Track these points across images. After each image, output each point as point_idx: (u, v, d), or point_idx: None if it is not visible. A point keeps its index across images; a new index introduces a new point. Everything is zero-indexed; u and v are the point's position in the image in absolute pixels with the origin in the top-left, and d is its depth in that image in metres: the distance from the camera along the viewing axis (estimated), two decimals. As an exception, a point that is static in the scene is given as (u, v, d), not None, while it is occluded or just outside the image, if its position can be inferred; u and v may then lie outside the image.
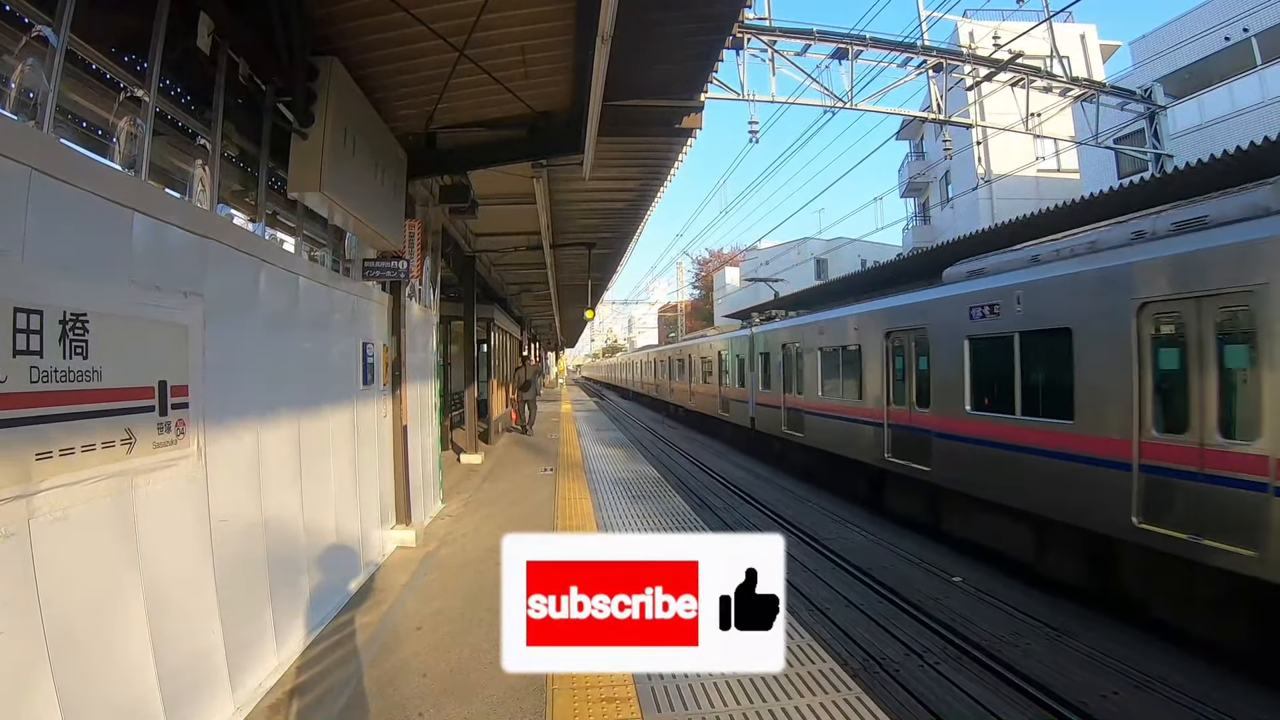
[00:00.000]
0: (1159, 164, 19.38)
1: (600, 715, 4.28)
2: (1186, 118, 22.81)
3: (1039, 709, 6.18)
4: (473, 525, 9.54)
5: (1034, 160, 25.72)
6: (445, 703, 4.54)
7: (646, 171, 11.20)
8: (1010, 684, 6.62)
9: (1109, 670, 6.80)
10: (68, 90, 3.61)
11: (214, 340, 4.13)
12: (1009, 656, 7.14)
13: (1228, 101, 22.44)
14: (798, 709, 4.38)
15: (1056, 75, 18.95)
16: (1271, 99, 20.88)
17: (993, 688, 6.59)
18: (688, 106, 8.24)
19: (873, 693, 4.81)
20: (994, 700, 6.34)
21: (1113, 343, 8.03)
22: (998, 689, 6.55)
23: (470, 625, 5.86)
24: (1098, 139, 19.45)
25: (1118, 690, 6.41)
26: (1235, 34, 22.80)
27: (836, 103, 17.41)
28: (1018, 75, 18.45)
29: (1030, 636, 7.65)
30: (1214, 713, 5.94)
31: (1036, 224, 12.04)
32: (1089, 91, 19.61)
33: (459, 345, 17.50)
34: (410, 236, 8.55)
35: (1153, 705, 6.13)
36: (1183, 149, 19.45)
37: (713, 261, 77.72)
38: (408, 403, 8.66)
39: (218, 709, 4.05)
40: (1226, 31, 22.77)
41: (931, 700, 6.40)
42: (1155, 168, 19.27)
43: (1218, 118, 22.24)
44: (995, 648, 7.36)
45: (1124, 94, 20.23)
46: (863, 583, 9.67)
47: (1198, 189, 8.83)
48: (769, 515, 14.11)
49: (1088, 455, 8.30)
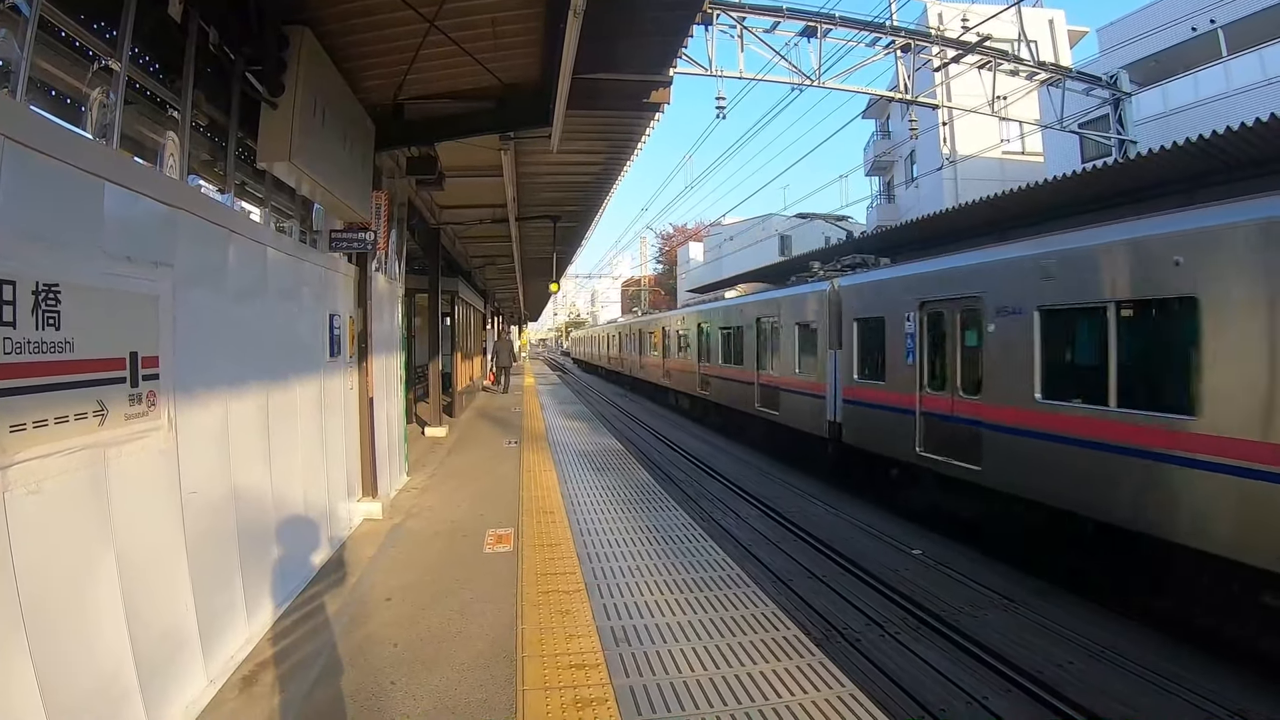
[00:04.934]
0: (1122, 149, 19.68)
1: (570, 681, 4.35)
2: (1151, 105, 23.24)
3: (997, 677, 6.35)
4: (438, 498, 9.56)
5: (999, 142, 25.99)
6: (417, 671, 4.58)
7: (613, 145, 11.19)
8: (969, 653, 6.80)
9: (1064, 640, 7.01)
10: (39, 59, 3.54)
11: (184, 311, 4.10)
12: (967, 627, 7.34)
13: (1192, 91, 22.87)
14: (762, 674, 4.49)
15: (1024, 59, 19.11)
16: (1235, 90, 21.32)
17: (951, 657, 6.78)
18: (656, 81, 8.24)
19: (835, 660, 4.91)
20: (953, 669, 6.52)
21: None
22: (956, 658, 6.74)
23: (439, 596, 5.92)
24: (1063, 123, 19.67)
25: (1073, 660, 6.61)
26: (1203, 25, 23.22)
27: (804, 80, 17.40)
28: (985, 58, 18.57)
29: (987, 607, 7.87)
30: (1163, 680, 6.15)
31: (1002, 205, 12.23)
32: (1055, 76, 19.81)
33: (424, 318, 17.43)
34: (377, 208, 8.49)
35: (1108, 675, 6.32)
36: (1146, 136, 19.77)
37: (677, 236, 77.72)
38: (374, 375, 8.62)
39: (191, 681, 4.06)
40: (1194, 22, 23.18)
41: (891, 668, 6.58)
42: (1119, 153, 19.56)
43: (1181, 106, 22.67)
44: (953, 618, 7.56)
45: (1090, 80, 20.46)
46: (824, 555, 9.86)
47: (1158, 175, 9.71)
48: (731, 488, 14.28)
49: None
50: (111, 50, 3.85)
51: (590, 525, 7.96)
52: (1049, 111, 21.12)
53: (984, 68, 18.75)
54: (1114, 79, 20.25)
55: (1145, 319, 7.58)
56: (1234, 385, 6.44)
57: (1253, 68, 21.30)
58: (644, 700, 4.15)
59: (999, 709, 5.84)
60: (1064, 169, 12.69)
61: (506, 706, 4.10)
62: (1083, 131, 20.76)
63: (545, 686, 4.29)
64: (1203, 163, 9.18)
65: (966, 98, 20.62)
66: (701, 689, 4.29)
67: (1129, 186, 10.52)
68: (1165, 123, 21.66)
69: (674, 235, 79.59)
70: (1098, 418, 7.79)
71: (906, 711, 5.81)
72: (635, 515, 8.45)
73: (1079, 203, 11.25)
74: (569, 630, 5.12)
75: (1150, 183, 10.13)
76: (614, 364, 45.38)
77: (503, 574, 6.39)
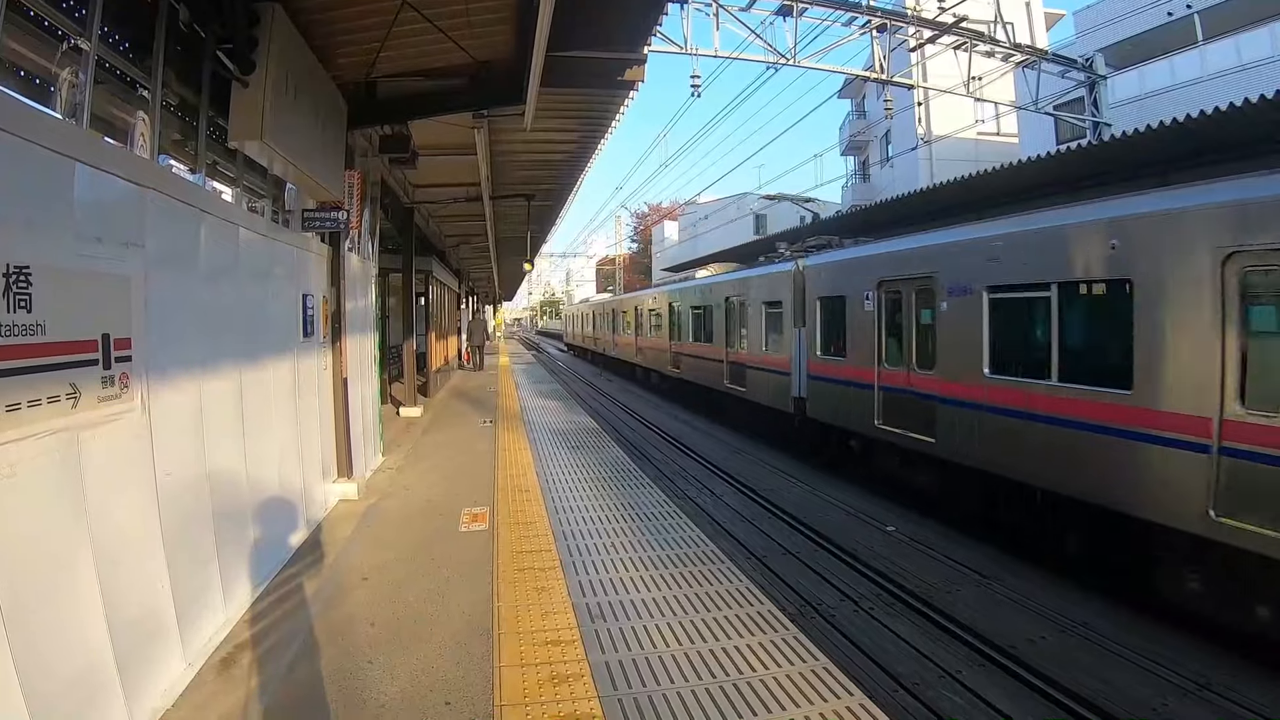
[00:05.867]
0: (1097, 132, 19.83)
1: (546, 658, 4.40)
2: (1126, 88, 23.36)
3: (971, 652, 6.48)
4: (414, 477, 9.58)
5: (974, 123, 26.10)
6: (394, 650, 4.61)
7: (588, 124, 11.16)
8: (941, 628, 6.93)
9: (1036, 616, 7.15)
10: (8, 39, 3.47)
11: (155, 292, 4.05)
12: (941, 602, 7.47)
13: (1168, 75, 23.01)
14: (736, 648, 4.55)
15: (1000, 40, 19.16)
16: (1211, 74, 21.44)
17: (925, 631, 6.90)
18: (631, 59, 8.19)
19: (809, 634, 4.99)
20: (926, 643, 6.64)
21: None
22: (929, 632, 6.87)
23: (415, 575, 5.95)
24: (1038, 105, 19.76)
25: (1045, 635, 6.75)
26: (1179, 9, 23.38)
27: (779, 59, 17.40)
28: (961, 39, 18.61)
29: (960, 583, 8.01)
30: (1131, 654, 6.30)
31: (974, 185, 12.34)
32: (1031, 58, 19.88)
33: (398, 298, 17.33)
34: (350, 187, 8.42)
35: (1079, 649, 6.46)
36: (1121, 118, 19.87)
37: (651, 215, 77.47)
38: (348, 355, 8.59)
39: (169, 665, 4.05)
40: (1171, 7, 23.31)
41: (865, 642, 6.69)
42: (1093, 135, 19.71)
43: (1157, 90, 22.81)
44: (927, 594, 7.69)
45: (1065, 62, 20.54)
46: (799, 532, 9.97)
47: (1133, 158, 9.97)
48: (707, 466, 14.36)
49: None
50: (81, 29, 3.79)
51: (565, 503, 8.00)
52: (1024, 93, 21.16)
53: (960, 48, 18.81)
54: (1090, 62, 20.38)
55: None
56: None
57: (1228, 53, 21.45)
58: (619, 675, 4.20)
59: (972, 682, 5.95)
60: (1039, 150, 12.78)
61: (484, 683, 4.14)
62: (1058, 114, 20.91)
63: (522, 663, 4.33)
64: (1177, 146, 9.31)
65: (942, 78, 20.73)
66: (676, 664, 4.34)
67: (1102, 169, 10.66)
68: (1140, 106, 21.79)
69: (649, 214, 79.34)
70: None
71: (880, 685, 5.90)
72: (610, 493, 8.50)
73: (1052, 184, 11.39)
74: (545, 607, 5.16)
75: (1124, 165, 10.25)
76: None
77: (478, 552, 6.42)
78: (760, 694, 3.99)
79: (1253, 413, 5.99)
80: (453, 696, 4.04)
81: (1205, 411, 6.31)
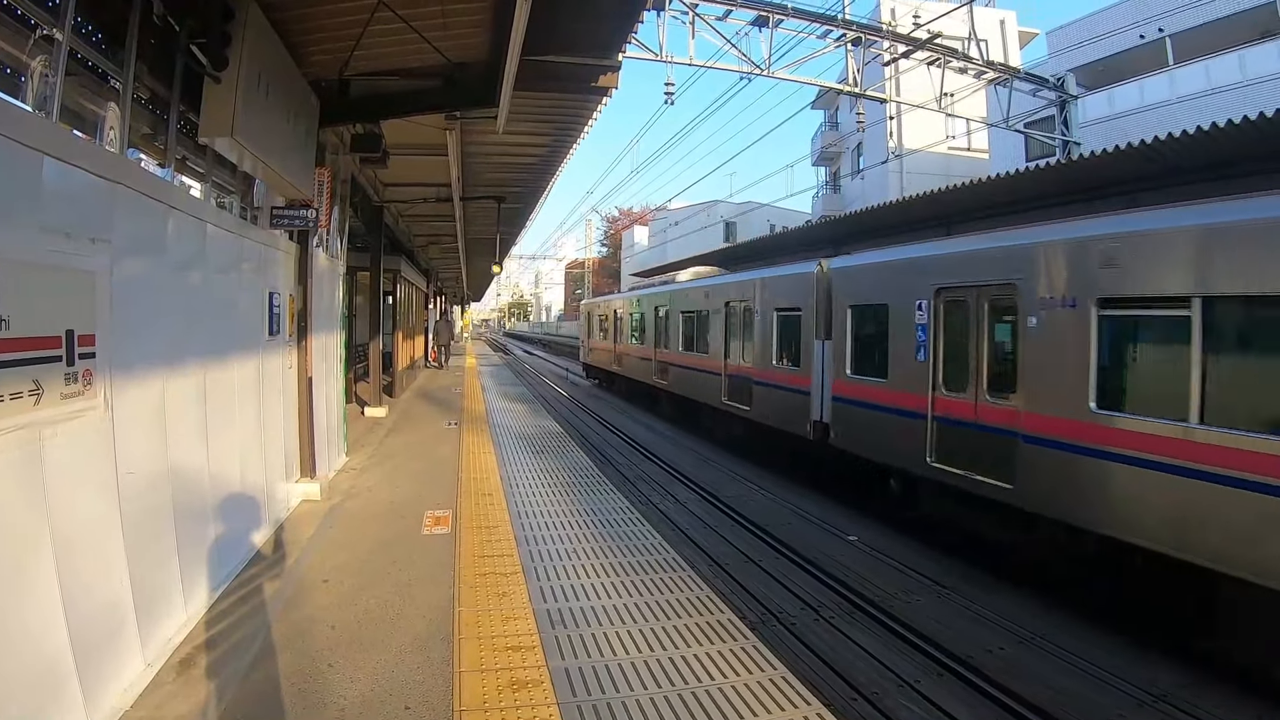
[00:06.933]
0: (1066, 150, 20.21)
1: (507, 663, 4.40)
2: (1096, 108, 23.88)
3: (929, 661, 6.54)
4: (377, 478, 9.49)
5: (945, 138, 26.48)
6: (354, 653, 4.58)
7: (560, 128, 11.17)
8: (901, 638, 6.99)
9: (994, 626, 7.24)
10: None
11: (121, 288, 4.01)
12: (900, 612, 7.54)
13: (1137, 97, 23.51)
14: (696, 657, 4.58)
15: (973, 58, 19.49)
16: (1180, 97, 21.97)
17: (885, 641, 6.96)
18: (605, 65, 8.25)
19: (769, 643, 5.04)
20: (885, 653, 6.69)
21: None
22: (889, 642, 6.93)
23: (376, 577, 5.91)
24: (1009, 122, 20.10)
25: (1004, 646, 6.83)
26: (1151, 33, 23.90)
27: (754, 69, 17.55)
28: (935, 55, 18.89)
29: (920, 593, 8.09)
30: (1092, 666, 6.38)
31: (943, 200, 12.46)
32: (1003, 76, 20.25)
33: (365, 296, 17.21)
34: (320, 185, 8.37)
35: (1038, 660, 6.56)
36: (1091, 138, 20.33)
37: (622, 220, 77.66)
38: (313, 354, 8.52)
39: (128, 666, 4.00)
40: (1143, 30, 23.84)
41: (825, 651, 6.72)
42: (1062, 154, 20.08)
43: (1126, 111, 23.32)
44: (887, 603, 7.75)
45: (1037, 81, 20.97)
46: (761, 540, 9.99)
47: (1101, 177, 10.12)
48: (670, 472, 14.37)
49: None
50: (53, 19, 3.74)
51: (528, 507, 7.99)
52: (996, 110, 21.58)
53: (933, 64, 19.08)
54: (1061, 81, 20.81)
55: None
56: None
57: (1198, 77, 21.99)
58: (579, 682, 4.22)
59: (930, 692, 6.00)
60: (1009, 166, 12.97)
61: (444, 688, 4.13)
62: (1028, 131, 21.28)
63: (482, 669, 4.33)
64: (1145, 166, 9.53)
65: (915, 93, 20.96)
66: (636, 671, 4.37)
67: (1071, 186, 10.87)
68: (1110, 126, 22.27)
69: (619, 219, 79.54)
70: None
71: (839, 693, 5.94)
72: (573, 498, 8.51)
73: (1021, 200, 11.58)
74: (506, 612, 5.16)
75: (1093, 184, 10.49)
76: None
77: (440, 556, 6.40)
78: (719, 703, 4.02)
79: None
80: (412, 701, 4.03)
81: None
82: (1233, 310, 6.19)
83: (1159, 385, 6.86)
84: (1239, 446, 5.86)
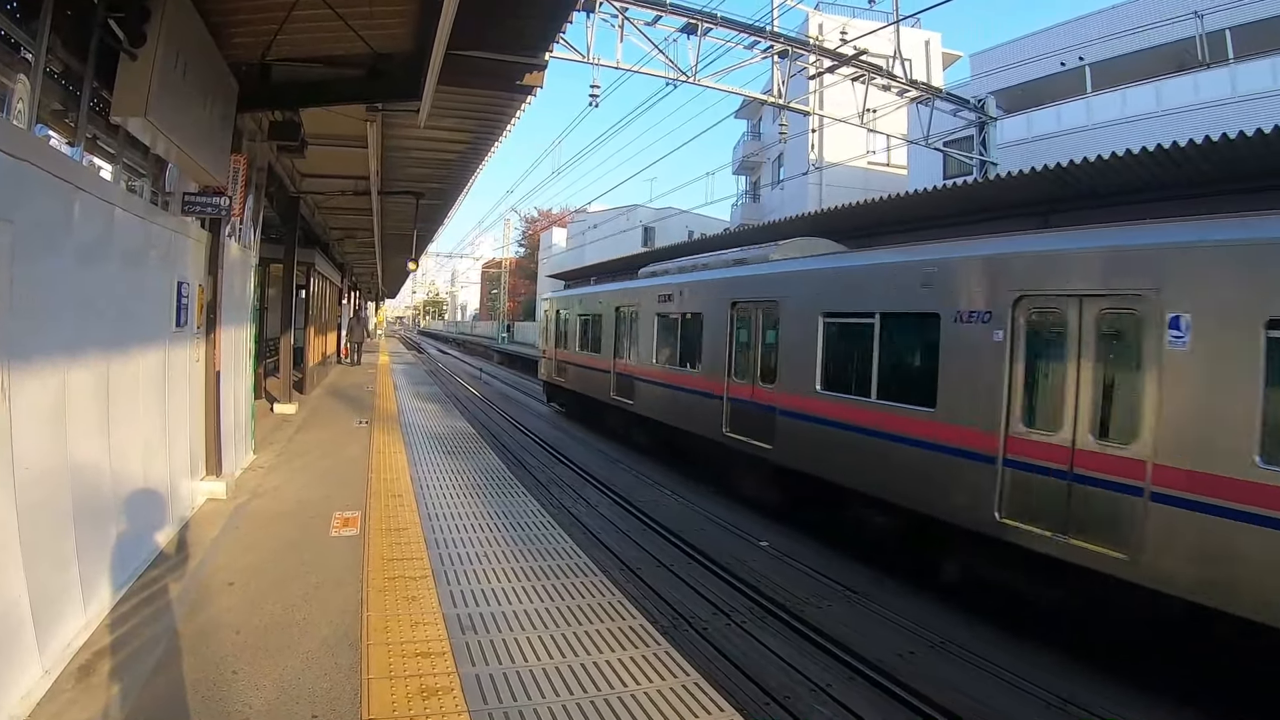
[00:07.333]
0: (983, 170, 20.94)
1: (415, 670, 4.33)
2: (1014, 131, 24.92)
3: (841, 666, 6.68)
4: (285, 478, 9.27)
5: (865, 153, 27.15)
6: (260, 659, 4.44)
7: (483, 125, 11.08)
8: (813, 643, 7.12)
9: (905, 631, 7.45)
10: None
11: (22, 272, 3.78)
12: (812, 617, 7.69)
13: (1055, 121, 24.57)
14: (608, 663, 4.57)
15: (897, 76, 20.02)
16: (1096, 124, 23.13)
17: (797, 645, 7.08)
18: (532, 64, 8.18)
19: (681, 649, 5.08)
20: (798, 657, 6.81)
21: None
22: (801, 647, 7.05)
23: (283, 579, 5.76)
24: (929, 140, 20.71)
25: (914, 650, 7.03)
26: (1071, 61, 25.00)
27: (680, 76, 17.70)
28: (860, 71, 19.33)
29: (831, 598, 8.27)
30: (1000, 670, 6.62)
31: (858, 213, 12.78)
32: (925, 95, 20.86)
33: (277, 289, 16.74)
34: (235, 172, 8.07)
35: (947, 665, 6.76)
36: (1008, 159, 21.16)
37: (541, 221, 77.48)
38: (222, 347, 8.22)
39: (24, 672, 3.76)
40: (1064, 58, 24.93)
41: (738, 656, 6.80)
42: (979, 173, 20.79)
43: (1043, 135, 24.42)
44: (799, 608, 7.90)
45: (958, 101, 21.68)
46: (674, 545, 10.08)
47: (1017, 197, 10.53)
48: (583, 476, 14.42)
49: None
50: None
51: (439, 510, 7.89)
52: (916, 128, 22.20)
53: (858, 80, 19.52)
54: (982, 103, 21.53)
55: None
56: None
57: (1114, 105, 23.15)
58: (490, 689, 4.16)
59: (842, 696, 6.13)
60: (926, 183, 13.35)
61: (351, 696, 4.04)
62: (947, 150, 21.92)
63: (390, 675, 4.25)
64: (1059, 189, 9.99)
65: (838, 107, 21.47)
66: (548, 678, 4.34)
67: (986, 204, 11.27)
68: (1027, 148, 23.23)
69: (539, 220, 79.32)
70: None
71: (752, 698, 6.01)
72: (485, 501, 8.42)
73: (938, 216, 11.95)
74: (415, 617, 5.08)
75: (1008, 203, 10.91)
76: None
77: (348, 558, 6.27)
78: (632, 710, 4.02)
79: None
80: (320, 709, 3.93)
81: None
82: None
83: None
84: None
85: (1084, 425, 6.85)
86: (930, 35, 34.63)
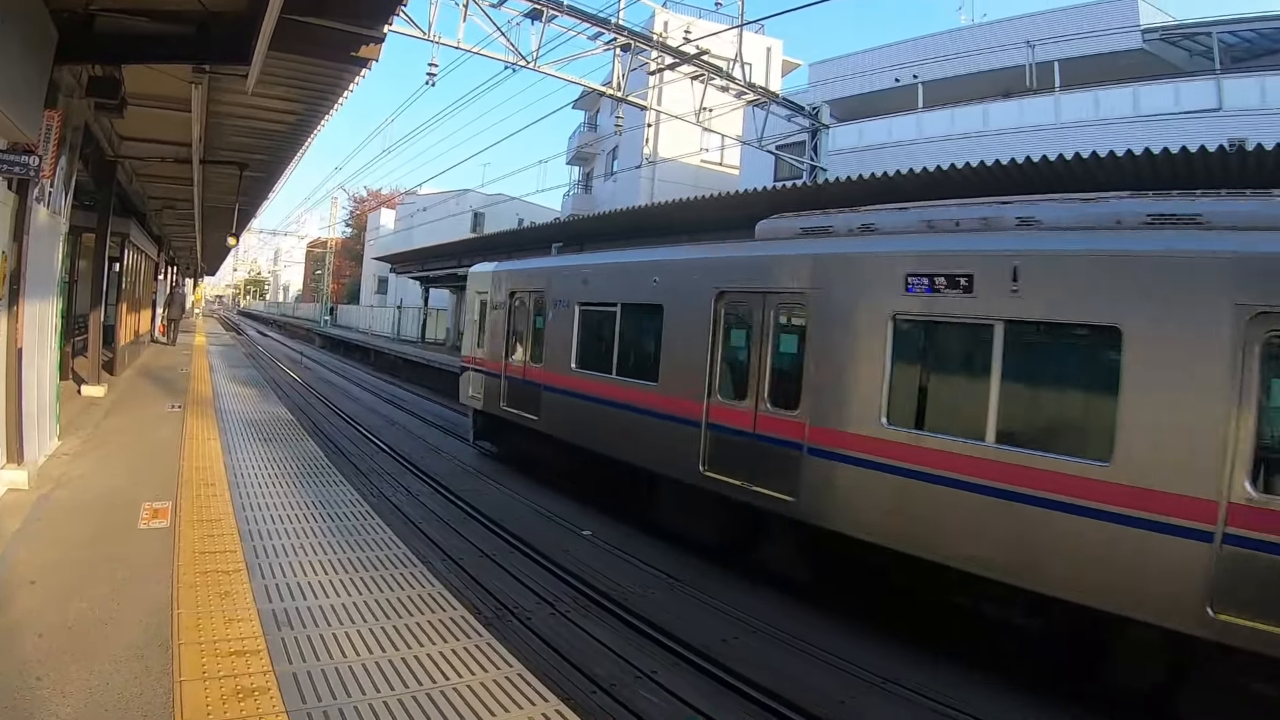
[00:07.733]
0: (812, 174, 21.87)
1: (230, 670, 4.13)
2: (846, 139, 26.31)
3: (666, 653, 6.89)
4: (92, 465, 8.61)
5: (699, 150, 27.83)
6: (66, 664, 4.10)
7: (314, 95, 10.61)
8: (638, 630, 7.33)
9: (727, 617, 7.78)
10: None
11: None
12: (636, 605, 7.93)
13: (886, 133, 26.00)
14: (430, 656, 4.51)
15: (736, 78, 20.71)
16: (925, 138, 24.88)
17: (622, 634, 7.28)
18: (369, 35, 7.89)
19: (505, 640, 5.13)
20: (623, 646, 7.00)
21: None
22: (627, 635, 7.25)
23: (90, 577, 5.35)
24: (762, 142, 21.48)
25: (737, 635, 7.36)
26: (906, 78, 26.52)
27: (520, 61, 17.72)
28: (700, 70, 19.88)
29: (655, 586, 8.58)
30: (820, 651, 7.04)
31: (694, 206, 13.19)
32: (762, 99, 21.70)
33: (88, 261, 15.53)
34: (49, 129, 7.35)
35: (769, 648, 7.12)
36: (837, 165, 22.38)
37: (370, 201, 75.77)
38: (25, 322, 7.51)
39: None
40: (899, 74, 26.40)
41: (563, 645, 6.91)
42: (809, 177, 21.70)
43: (874, 145, 26.06)
44: (623, 597, 8.14)
45: (793, 108, 22.68)
46: (496, 534, 10.17)
47: (838, 200, 11.21)
48: (404, 464, 14.40)
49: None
50: None
51: (254, 500, 7.57)
52: (751, 129, 23.03)
53: (697, 79, 20.06)
54: (816, 111, 22.55)
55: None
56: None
57: (943, 122, 24.79)
58: (308, 687, 4.02)
59: (668, 682, 6.33)
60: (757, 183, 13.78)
61: (164, 700, 3.80)
62: (780, 153, 22.85)
63: (204, 677, 4.04)
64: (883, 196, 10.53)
65: (676, 104, 22.02)
66: (368, 673, 4.24)
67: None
68: (856, 156, 24.58)
69: (367, 199, 77.34)
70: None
71: (579, 687, 6.12)
72: (301, 490, 8.16)
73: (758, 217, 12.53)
74: (229, 614, 4.84)
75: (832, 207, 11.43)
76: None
77: (159, 552, 5.89)
78: (455, 703, 3.98)
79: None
80: (131, 716, 3.67)
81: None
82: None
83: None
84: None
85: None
86: (772, 42, 35.97)
